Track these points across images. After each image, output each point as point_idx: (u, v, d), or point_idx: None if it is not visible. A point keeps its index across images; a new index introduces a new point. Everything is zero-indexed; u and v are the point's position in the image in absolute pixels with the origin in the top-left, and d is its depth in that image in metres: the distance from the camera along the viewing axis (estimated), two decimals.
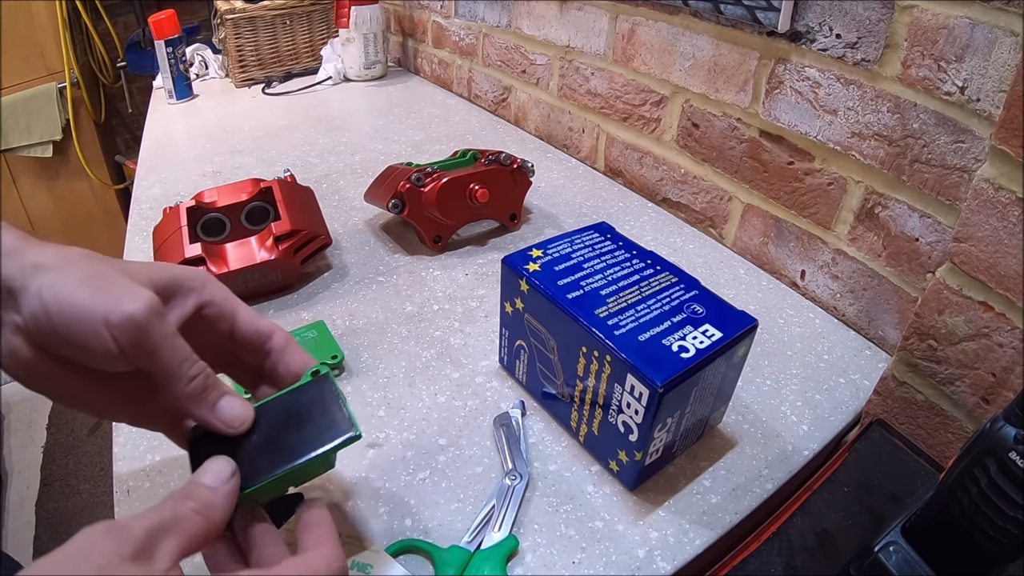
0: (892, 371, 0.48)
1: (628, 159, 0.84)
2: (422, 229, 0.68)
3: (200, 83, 1.28)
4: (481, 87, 1.13)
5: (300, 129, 1.03)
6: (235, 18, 1.17)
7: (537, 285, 0.44)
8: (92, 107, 1.94)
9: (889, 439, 0.48)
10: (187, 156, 0.95)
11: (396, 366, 0.54)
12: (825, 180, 0.59)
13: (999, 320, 0.40)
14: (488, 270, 0.67)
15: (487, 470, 0.45)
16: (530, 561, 0.39)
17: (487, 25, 1.04)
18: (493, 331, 0.57)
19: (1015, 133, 0.36)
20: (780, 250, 0.66)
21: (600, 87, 0.84)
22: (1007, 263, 0.39)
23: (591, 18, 0.82)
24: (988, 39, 0.44)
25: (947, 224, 0.50)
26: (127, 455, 0.45)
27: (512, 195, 0.72)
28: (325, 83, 1.24)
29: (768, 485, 0.44)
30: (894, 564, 0.33)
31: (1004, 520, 0.28)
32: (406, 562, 0.39)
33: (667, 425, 0.40)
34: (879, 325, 0.58)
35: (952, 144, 0.48)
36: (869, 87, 0.53)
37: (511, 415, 0.48)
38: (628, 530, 0.41)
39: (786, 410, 0.50)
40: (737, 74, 0.65)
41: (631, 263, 0.47)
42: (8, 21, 1.70)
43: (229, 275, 0.58)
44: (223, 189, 0.66)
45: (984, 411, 0.43)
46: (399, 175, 0.67)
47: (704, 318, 0.42)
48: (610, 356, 0.39)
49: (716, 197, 0.72)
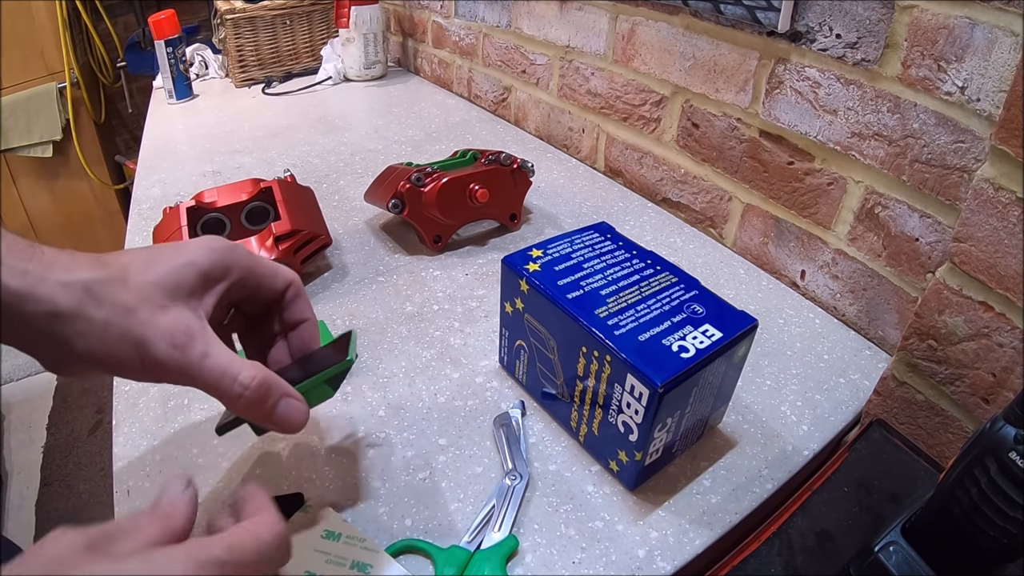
0: (892, 371, 0.48)
1: (628, 159, 0.84)
2: (422, 229, 0.68)
3: (200, 83, 1.28)
4: (481, 87, 1.13)
5: (300, 129, 1.03)
6: (235, 18, 1.17)
7: (537, 285, 0.44)
8: (92, 107, 1.94)
9: (889, 439, 0.48)
10: (187, 156, 0.95)
11: (396, 366, 0.54)
12: (825, 180, 0.60)
13: (999, 320, 0.40)
14: (488, 270, 0.67)
15: (487, 470, 0.45)
16: (530, 561, 0.39)
17: (487, 25, 1.04)
18: (493, 331, 0.57)
19: (1015, 133, 0.36)
20: (780, 250, 0.66)
21: (600, 87, 0.84)
22: (1007, 263, 0.39)
23: (591, 18, 0.82)
24: (988, 39, 0.44)
25: (947, 224, 0.50)
26: (127, 455, 0.45)
27: (512, 195, 0.72)
28: (325, 83, 1.24)
29: (768, 485, 0.44)
30: (894, 564, 0.33)
31: (1004, 520, 0.28)
32: (406, 562, 0.39)
33: (667, 425, 0.40)
34: (879, 325, 0.58)
35: (952, 144, 0.48)
36: (869, 87, 0.53)
37: (511, 415, 0.48)
38: (628, 530, 0.41)
39: (786, 410, 0.50)
40: (737, 74, 0.65)
41: (631, 263, 0.47)
42: (8, 21, 1.71)
43: None
44: (223, 189, 0.66)
45: (984, 411, 0.43)
46: (399, 175, 0.67)
47: (704, 318, 0.42)
48: (610, 356, 0.39)
49: (716, 197, 0.72)
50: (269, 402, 0.33)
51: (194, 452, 0.46)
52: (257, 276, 0.37)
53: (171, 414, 0.49)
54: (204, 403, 0.50)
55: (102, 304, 0.30)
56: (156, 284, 0.32)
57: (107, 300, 0.30)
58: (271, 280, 0.38)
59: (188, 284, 0.33)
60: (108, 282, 0.31)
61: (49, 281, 0.30)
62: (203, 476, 0.44)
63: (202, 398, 0.50)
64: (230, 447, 0.46)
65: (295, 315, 0.39)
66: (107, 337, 0.30)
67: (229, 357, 0.32)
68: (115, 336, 0.30)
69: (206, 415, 0.49)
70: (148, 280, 0.31)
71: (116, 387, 0.52)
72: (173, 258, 0.33)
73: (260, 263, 0.37)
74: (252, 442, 0.46)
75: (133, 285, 0.31)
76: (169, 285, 0.32)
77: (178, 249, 0.34)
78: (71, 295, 0.30)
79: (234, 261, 0.35)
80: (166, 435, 0.47)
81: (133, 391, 0.51)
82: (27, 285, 0.29)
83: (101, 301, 0.30)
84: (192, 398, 0.50)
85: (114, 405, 0.50)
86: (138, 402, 0.50)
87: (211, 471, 0.44)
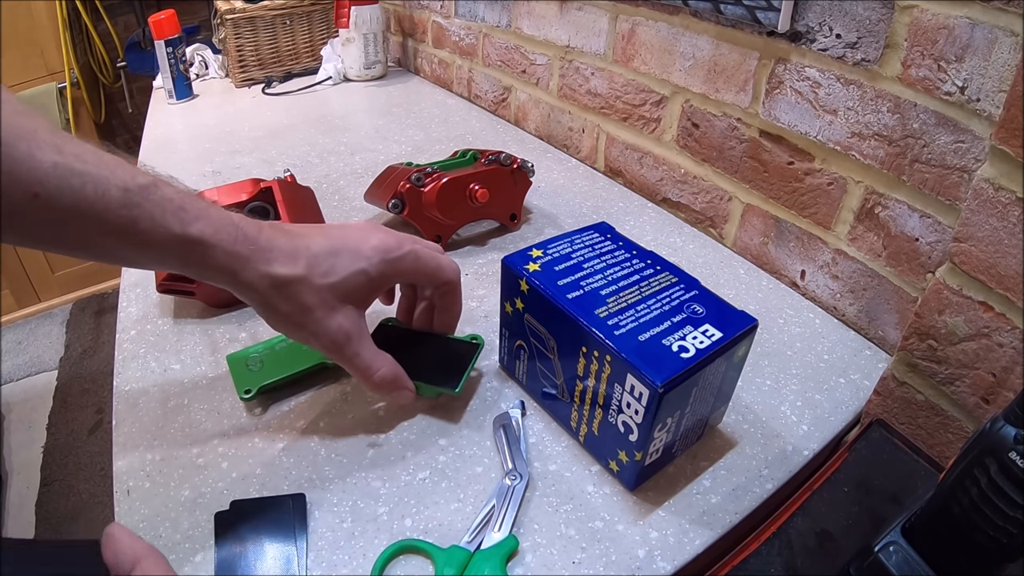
0: (892, 371, 0.48)
1: (628, 159, 0.84)
2: (422, 229, 0.68)
3: (200, 83, 1.28)
4: (481, 87, 1.13)
5: (300, 129, 1.03)
6: (235, 18, 1.17)
7: (537, 285, 0.44)
8: (92, 107, 1.94)
9: (889, 439, 0.48)
10: (187, 156, 0.95)
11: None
12: (825, 180, 0.60)
13: (999, 320, 0.40)
14: (488, 270, 0.67)
15: (487, 470, 0.45)
16: (530, 561, 0.39)
17: (487, 25, 1.04)
18: (493, 331, 0.57)
19: (1015, 133, 0.36)
20: (780, 250, 0.66)
21: (600, 87, 0.84)
22: (1007, 263, 0.39)
23: (591, 18, 0.82)
24: (988, 39, 0.44)
25: (947, 224, 0.50)
26: (127, 455, 0.45)
27: (512, 195, 0.72)
28: (325, 83, 1.24)
29: (768, 485, 0.44)
30: (894, 564, 0.33)
31: (1004, 520, 0.28)
32: (406, 562, 0.39)
33: (667, 425, 0.40)
34: (879, 325, 0.58)
35: (952, 144, 0.48)
36: (869, 87, 0.53)
37: (511, 415, 0.48)
38: (628, 530, 0.41)
39: (786, 410, 0.50)
40: (737, 74, 0.65)
41: (631, 263, 0.47)
42: (8, 21, 1.71)
43: None
44: (223, 189, 0.66)
45: (984, 411, 0.43)
46: (399, 175, 0.67)
47: (704, 318, 0.42)
48: (610, 356, 0.39)
49: (716, 197, 0.72)
50: (392, 391, 0.44)
51: (194, 452, 0.46)
52: (420, 277, 0.46)
53: (171, 414, 0.49)
54: (204, 403, 0.50)
55: (288, 300, 0.39)
56: (332, 288, 0.40)
57: (292, 298, 0.39)
58: (431, 280, 0.47)
59: (359, 291, 0.41)
60: (295, 281, 0.38)
61: (251, 269, 0.37)
62: (203, 476, 0.44)
63: (202, 398, 0.50)
64: (230, 447, 0.46)
65: (445, 304, 0.49)
66: (287, 325, 0.40)
67: (372, 355, 0.42)
68: (293, 325, 0.40)
69: (206, 415, 0.49)
70: (327, 284, 0.39)
71: (116, 387, 0.52)
72: (351, 263, 0.41)
73: (424, 267, 0.45)
74: (252, 442, 0.47)
75: (314, 287, 0.39)
76: (342, 290, 0.40)
77: (356, 251, 0.41)
78: (266, 287, 0.38)
79: (401, 270, 0.43)
80: (166, 435, 0.47)
81: (133, 391, 0.51)
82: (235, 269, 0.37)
83: (287, 297, 0.39)
84: (192, 398, 0.50)
85: (114, 405, 0.50)
86: (138, 402, 0.50)
87: (211, 471, 0.44)
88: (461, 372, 0.48)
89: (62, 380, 1.82)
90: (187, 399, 0.50)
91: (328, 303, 0.40)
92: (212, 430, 0.48)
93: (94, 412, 1.73)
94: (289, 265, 0.38)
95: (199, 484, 0.43)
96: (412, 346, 0.51)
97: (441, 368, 0.49)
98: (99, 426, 1.68)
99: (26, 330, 2.03)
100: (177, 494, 0.43)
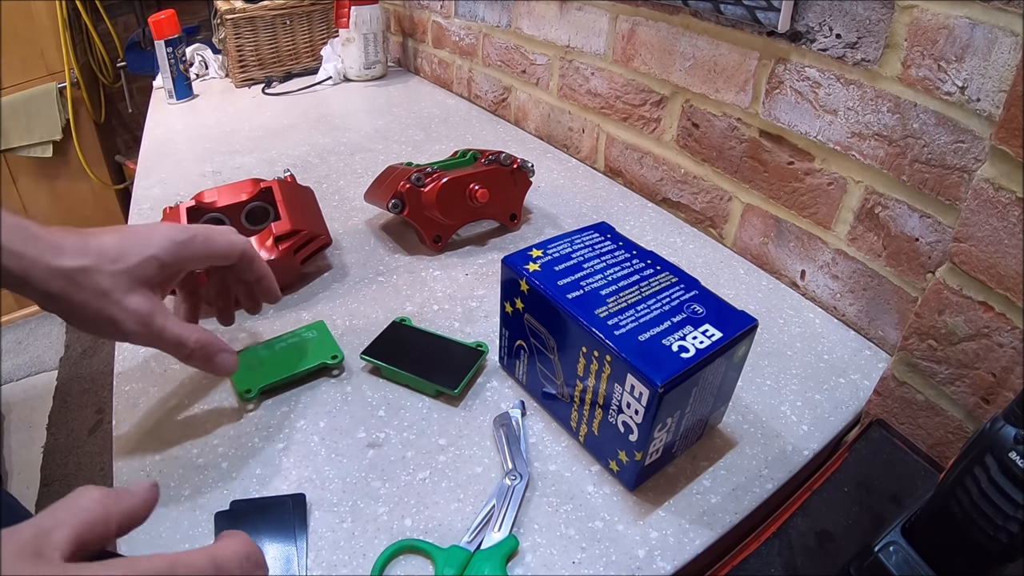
0: (892, 371, 0.48)
1: (628, 159, 0.84)
2: (422, 229, 0.68)
3: (200, 83, 1.28)
4: (481, 87, 1.13)
5: (300, 129, 1.03)
6: (235, 18, 1.17)
7: (537, 285, 0.44)
8: (92, 107, 1.94)
9: (889, 439, 0.48)
10: (187, 156, 0.95)
11: None
12: (825, 180, 0.60)
13: (999, 320, 0.40)
14: (488, 270, 0.67)
15: (487, 470, 0.45)
16: (530, 561, 0.39)
17: (487, 25, 1.04)
18: (493, 331, 0.57)
19: (1015, 133, 0.36)
20: (780, 250, 0.66)
21: (600, 87, 0.84)
22: (1007, 263, 0.39)
23: (591, 18, 0.82)
24: (988, 39, 0.44)
25: (947, 224, 0.50)
26: (127, 455, 0.46)
27: (512, 195, 0.72)
28: (325, 83, 1.24)
29: (768, 485, 0.44)
30: (894, 564, 0.33)
31: (1004, 520, 0.29)
32: (406, 562, 0.39)
33: (667, 425, 0.40)
34: (879, 325, 0.58)
35: (952, 144, 0.48)
36: (869, 87, 0.53)
37: (511, 415, 0.48)
38: (628, 530, 0.41)
39: (786, 410, 0.50)
40: (737, 74, 0.65)
41: (631, 263, 0.47)
42: (8, 21, 1.71)
43: None
44: (223, 189, 0.66)
45: (984, 411, 0.43)
46: (399, 175, 0.67)
47: (704, 318, 0.42)
48: (610, 356, 0.39)
49: (716, 197, 0.72)
50: (210, 355, 0.43)
51: (194, 452, 0.46)
52: (214, 256, 0.45)
53: (171, 414, 0.49)
54: (204, 403, 0.50)
55: (83, 288, 0.38)
56: (125, 273, 0.39)
57: (87, 286, 0.38)
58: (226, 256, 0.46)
59: (151, 275, 0.41)
60: (87, 271, 0.38)
61: (40, 267, 0.36)
62: (203, 476, 0.44)
63: (202, 398, 0.50)
64: (230, 447, 0.46)
65: (253, 275, 0.49)
66: (88, 314, 0.39)
67: (180, 326, 0.42)
68: (94, 314, 0.39)
69: (206, 415, 0.49)
70: (119, 269, 0.39)
71: (116, 387, 0.52)
72: (142, 250, 0.40)
73: (215, 245, 0.45)
74: (252, 442, 0.46)
75: (107, 273, 0.39)
76: (135, 275, 0.40)
77: (146, 239, 0.41)
78: (58, 281, 0.37)
79: (191, 254, 0.43)
80: (166, 435, 0.47)
81: (133, 391, 0.51)
82: (23, 269, 0.36)
83: (82, 287, 0.38)
84: (192, 398, 0.50)
85: (114, 405, 0.50)
86: (138, 402, 0.50)
87: (211, 471, 0.44)
88: (463, 374, 0.50)
89: (62, 380, 1.82)
90: (187, 399, 0.50)
91: (123, 286, 0.39)
92: (212, 430, 0.48)
93: (94, 412, 1.72)
94: (79, 257, 0.38)
95: (199, 484, 0.43)
96: (420, 345, 0.53)
97: (444, 368, 0.51)
98: (99, 426, 1.68)
99: (26, 330, 2.03)
100: (177, 494, 0.43)
